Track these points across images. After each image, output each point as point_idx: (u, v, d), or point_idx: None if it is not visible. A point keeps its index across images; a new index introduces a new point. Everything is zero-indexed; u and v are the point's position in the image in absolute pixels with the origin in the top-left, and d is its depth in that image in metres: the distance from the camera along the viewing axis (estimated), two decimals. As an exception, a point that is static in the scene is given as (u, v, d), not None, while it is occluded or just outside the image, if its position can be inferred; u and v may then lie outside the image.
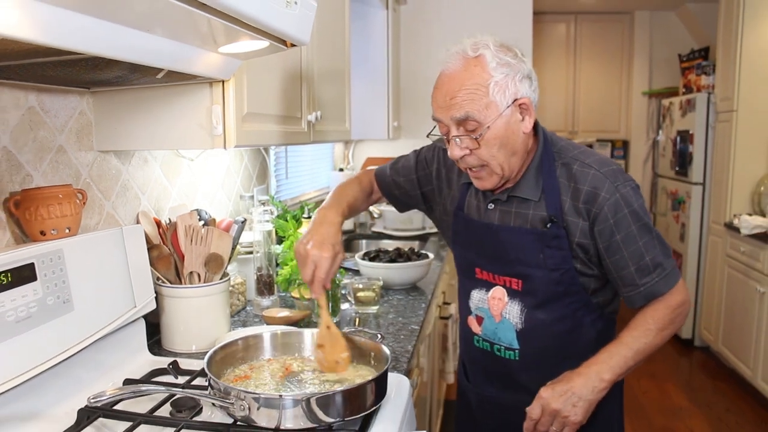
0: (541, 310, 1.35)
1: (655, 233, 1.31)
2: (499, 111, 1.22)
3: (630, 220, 1.27)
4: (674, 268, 1.32)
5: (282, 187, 2.83)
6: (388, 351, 1.23)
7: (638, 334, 1.29)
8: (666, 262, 1.30)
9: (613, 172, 1.29)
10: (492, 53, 1.22)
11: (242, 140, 1.39)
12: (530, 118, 1.28)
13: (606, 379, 1.25)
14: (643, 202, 1.31)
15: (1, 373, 1.02)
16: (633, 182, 1.31)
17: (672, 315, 1.30)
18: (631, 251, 1.28)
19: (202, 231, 1.53)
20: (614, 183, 1.27)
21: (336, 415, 1.06)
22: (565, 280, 1.32)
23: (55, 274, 1.15)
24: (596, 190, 1.27)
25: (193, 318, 1.53)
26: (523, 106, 1.26)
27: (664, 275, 1.30)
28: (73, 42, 0.83)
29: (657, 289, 1.30)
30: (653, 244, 1.29)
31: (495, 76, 1.21)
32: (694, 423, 3.43)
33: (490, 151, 1.25)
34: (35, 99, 1.25)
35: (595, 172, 1.29)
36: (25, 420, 1.11)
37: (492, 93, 1.22)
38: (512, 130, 1.26)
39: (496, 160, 1.27)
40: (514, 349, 1.39)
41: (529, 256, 1.33)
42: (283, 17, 1.06)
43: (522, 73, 1.24)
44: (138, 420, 1.10)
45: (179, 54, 1.08)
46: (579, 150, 1.35)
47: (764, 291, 3.49)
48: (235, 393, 1.05)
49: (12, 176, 1.20)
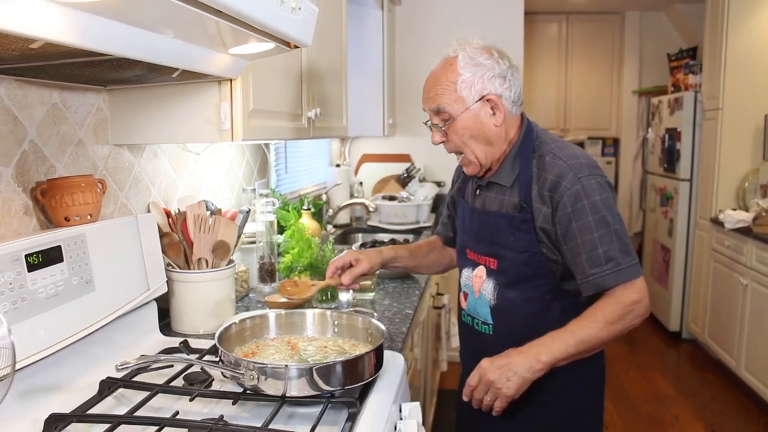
0: (512, 290, 1.46)
1: (614, 228, 1.35)
2: (466, 105, 1.40)
3: (588, 211, 1.34)
4: (632, 266, 1.34)
5: (281, 181, 2.93)
6: (383, 326, 1.33)
7: (584, 324, 1.33)
8: (621, 258, 1.34)
9: (579, 165, 1.37)
10: (466, 54, 1.39)
11: (248, 135, 1.49)
12: (500, 113, 1.41)
13: (543, 361, 1.30)
14: (609, 197, 1.37)
15: (33, 345, 1.12)
16: (600, 177, 1.38)
17: (622, 311, 1.33)
18: (585, 240, 1.35)
19: (210, 220, 1.64)
20: (577, 174, 1.36)
21: (337, 383, 1.16)
22: (533, 262, 1.42)
23: (79, 257, 1.26)
24: (559, 179, 1.37)
25: (201, 301, 1.64)
26: (491, 101, 1.40)
27: (616, 270, 1.33)
28: (105, 45, 0.93)
29: (605, 282, 1.34)
30: (609, 239, 1.34)
31: (463, 75, 1.39)
32: (679, 411, 3.55)
33: (461, 139, 1.43)
34: (58, 96, 1.36)
35: (562, 163, 1.38)
36: (50, 390, 1.21)
37: (459, 89, 1.39)
38: (482, 122, 1.41)
39: (469, 149, 1.44)
40: (489, 324, 1.51)
41: (502, 237, 1.45)
42: (288, 22, 1.16)
43: (493, 73, 1.39)
44: (155, 390, 1.20)
45: (194, 55, 1.18)
46: (557, 144, 1.44)
47: (747, 283, 3.61)
48: (245, 364, 1.16)
49: (38, 167, 1.30)
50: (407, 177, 3.91)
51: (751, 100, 4.04)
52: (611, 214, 1.36)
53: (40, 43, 0.86)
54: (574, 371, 1.42)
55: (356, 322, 1.41)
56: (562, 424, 1.51)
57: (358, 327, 1.40)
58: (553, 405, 1.49)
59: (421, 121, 1.52)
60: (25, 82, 1.26)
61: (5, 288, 1.07)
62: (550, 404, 1.48)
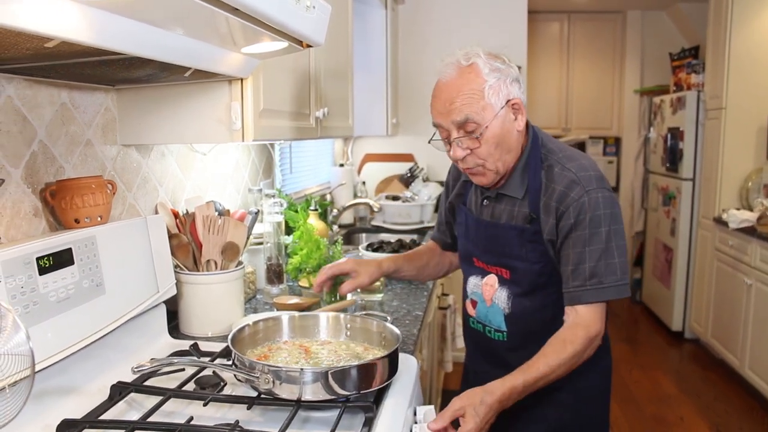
0: (526, 298, 1.45)
1: (609, 246, 1.33)
2: (494, 112, 1.34)
3: (587, 224, 1.33)
4: (616, 286, 1.32)
5: (286, 181, 2.91)
6: (398, 331, 1.32)
7: (547, 362, 1.30)
8: (606, 277, 1.32)
9: (588, 178, 1.35)
10: (483, 61, 1.34)
11: (259, 135, 1.48)
12: (522, 117, 1.39)
13: (506, 406, 1.27)
14: (614, 213, 1.35)
15: (44, 350, 1.10)
16: (608, 191, 1.36)
17: (580, 351, 1.31)
18: (576, 252, 1.34)
19: (219, 221, 1.62)
20: (586, 187, 1.34)
21: (352, 388, 1.15)
22: (546, 272, 1.41)
23: (90, 259, 1.24)
24: (568, 190, 1.35)
25: (210, 304, 1.62)
26: (516, 106, 1.37)
27: (597, 287, 1.32)
28: (120, 44, 0.91)
29: (582, 297, 1.33)
30: (598, 256, 1.32)
31: (489, 81, 1.33)
32: (684, 411, 3.54)
33: (488, 149, 1.36)
34: (67, 96, 1.34)
35: (572, 175, 1.36)
36: (61, 395, 1.20)
37: (487, 96, 1.33)
38: (507, 128, 1.37)
39: (493, 158, 1.38)
40: (503, 331, 1.49)
41: (513, 249, 1.44)
42: (303, 20, 1.14)
43: (511, 77, 1.36)
44: (168, 394, 1.19)
45: (207, 54, 1.16)
46: (565, 154, 1.42)
47: (751, 283, 3.60)
48: (260, 368, 1.14)
49: (47, 168, 1.28)
50: (410, 177, 3.89)
51: (755, 100, 4.03)
52: (611, 230, 1.34)
53: (55, 42, 0.84)
54: (580, 381, 1.42)
55: (370, 325, 1.39)
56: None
57: (372, 330, 1.38)
58: (560, 413, 1.48)
59: (424, 121, 1.46)
60: (35, 81, 1.24)
61: (17, 291, 1.05)
62: (558, 413, 1.48)
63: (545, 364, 1.29)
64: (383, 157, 4.18)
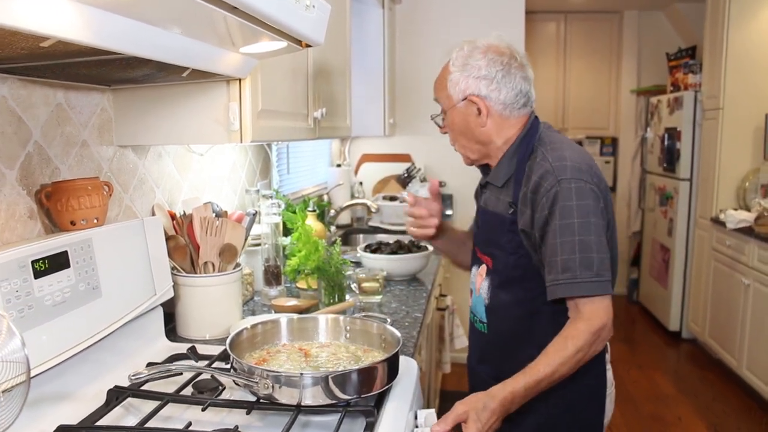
0: (504, 290, 1.45)
1: (579, 238, 1.28)
2: (453, 102, 1.45)
3: (557, 215, 1.30)
4: (593, 282, 1.27)
5: (283, 182, 2.89)
6: (398, 334, 1.30)
7: (547, 361, 1.27)
8: (581, 272, 1.27)
9: (562, 167, 1.31)
10: (462, 53, 1.43)
11: (257, 135, 1.46)
12: (486, 114, 1.42)
13: (511, 408, 1.26)
14: (588, 204, 1.30)
15: (40, 355, 1.08)
16: (584, 182, 1.30)
17: (578, 346, 1.26)
18: (550, 245, 1.31)
19: (217, 222, 1.60)
20: (558, 177, 1.30)
21: (352, 392, 1.13)
22: (521, 265, 1.40)
23: (86, 262, 1.22)
24: (542, 180, 1.33)
25: (207, 306, 1.60)
26: (475, 103, 1.42)
27: (571, 282, 1.28)
28: (117, 43, 0.89)
29: (556, 291, 1.30)
30: (571, 248, 1.28)
31: (452, 73, 1.43)
32: (681, 411, 3.54)
33: (453, 134, 1.50)
34: (62, 96, 1.32)
35: (547, 165, 1.33)
36: (57, 400, 1.18)
37: (449, 87, 1.44)
38: (468, 121, 1.45)
39: (459, 143, 1.51)
40: (484, 322, 1.51)
41: (497, 237, 1.45)
42: (302, 20, 1.13)
43: (479, 74, 1.40)
44: (166, 399, 1.17)
45: (205, 54, 1.15)
46: (553, 145, 1.38)
47: (749, 283, 3.60)
48: (259, 372, 1.12)
49: (42, 169, 1.26)
50: (408, 177, 3.87)
51: (752, 100, 4.03)
52: (586, 223, 1.29)
53: (51, 41, 0.82)
54: (573, 381, 1.35)
55: (370, 327, 1.38)
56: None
57: (372, 333, 1.37)
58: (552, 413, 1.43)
59: (421, 121, 1.58)
60: (29, 81, 1.22)
61: (12, 295, 1.03)
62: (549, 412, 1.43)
63: (546, 364, 1.26)
64: (380, 158, 4.16)
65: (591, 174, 1.33)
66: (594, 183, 1.32)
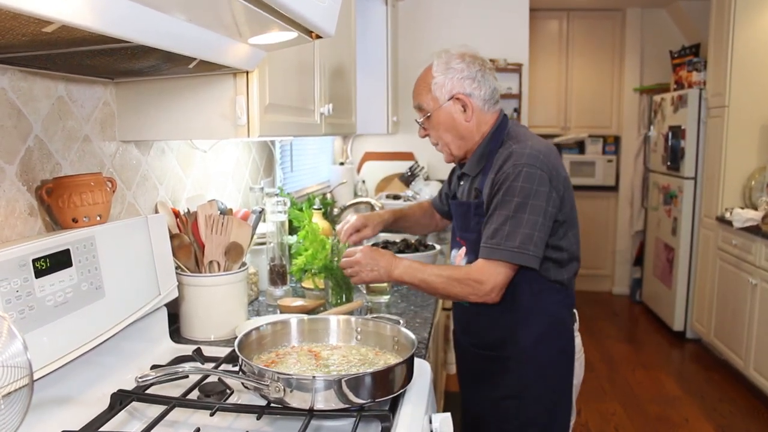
0: None
1: (517, 216, 1.45)
2: (439, 104, 1.61)
3: (503, 191, 1.48)
4: (510, 250, 1.45)
5: (287, 180, 2.85)
6: (413, 336, 1.26)
7: (437, 272, 1.53)
8: (504, 242, 1.46)
9: (521, 154, 1.49)
10: (442, 60, 1.60)
11: (265, 131, 1.41)
12: (470, 110, 1.60)
13: (394, 276, 1.56)
14: (532, 188, 1.46)
15: (41, 358, 1.03)
16: (537, 169, 1.47)
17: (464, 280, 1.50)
18: (489, 215, 1.51)
19: (222, 220, 1.55)
20: (515, 161, 1.48)
21: (366, 396, 1.08)
22: None
23: (89, 261, 1.17)
24: (503, 164, 1.51)
25: (212, 306, 1.55)
26: (461, 100, 1.59)
27: (493, 247, 1.47)
28: (124, 30, 0.85)
29: (482, 252, 1.50)
30: (504, 220, 1.47)
31: (436, 78, 1.60)
32: (688, 412, 3.50)
33: (437, 132, 1.65)
34: (64, 89, 1.27)
35: (509, 152, 1.52)
36: (60, 404, 1.13)
37: (433, 90, 1.61)
38: (454, 118, 1.61)
39: (443, 141, 1.65)
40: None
41: (468, 222, 1.63)
42: (315, 9, 1.08)
43: (462, 75, 1.58)
44: (172, 403, 1.12)
45: (213, 44, 1.10)
46: (518, 137, 1.56)
47: (756, 283, 3.56)
48: (270, 375, 1.08)
49: (43, 165, 1.22)
50: (411, 175, 3.83)
51: (758, 98, 4.00)
52: (525, 203, 1.46)
53: (54, 26, 0.77)
54: (546, 348, 1.60)
55: (383, 329, 1.33)
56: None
57: (385, 335, 1.32)
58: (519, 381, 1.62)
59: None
60: (30, 73, 1.17)
61: (12, 296, 0.98)
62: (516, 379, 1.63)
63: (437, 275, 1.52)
64: (383, 156, 4.12)
65: (546, 162, 1.49)
66: (546, 171, 1.48)
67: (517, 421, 1.62)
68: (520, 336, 1.60)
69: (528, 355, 1.60)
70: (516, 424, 1.62)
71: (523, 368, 1.61)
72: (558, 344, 1.63)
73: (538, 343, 1.60)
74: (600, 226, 5.97)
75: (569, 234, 1.58)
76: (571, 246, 1.59)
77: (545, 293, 1.58)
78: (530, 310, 1.58)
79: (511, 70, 4.27)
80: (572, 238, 1.59)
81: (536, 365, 1.61)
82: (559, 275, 1.58)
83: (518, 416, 1.62)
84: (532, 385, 1.61)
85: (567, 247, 1.58)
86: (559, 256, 1.57)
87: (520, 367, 1.61)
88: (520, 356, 1.60)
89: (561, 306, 1.62)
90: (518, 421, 1.62)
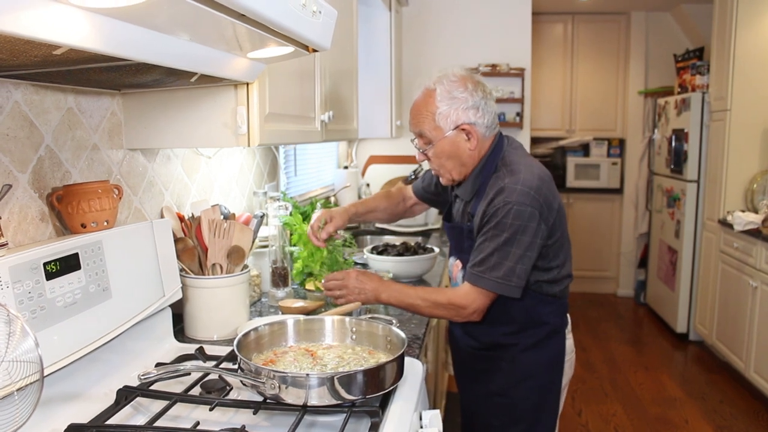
0: None
1: (505, 249, 1.50)
2: (443, 133, 1.60)
3: (493, 225, 1.52)
4: (492, 280, 1.51)
5: (291, 184, 2.91)
6: (403, 334, 1.32)
7: (422, 296, 1.61)
8: (489, 272, 1.52)
9: (512, 190, 1.51)
10: (444, 88, 1.58)
11: (265, 139, 1.48)
12: (474, 138, 1.60)
13: (380, 299, 1.65)
14: (521, 225, 1.50)
15: (51, 355, 1.10)
16: (526, 206, 1.50)
17: (446, 305, 1.58)
18: (478, 242, 1.56)
19: (225, 225, 1.62)
20: (506, 198, 1.51)
21: (358, 392, 1.14)
22: None
23: (96, 264, 1.24)
24: (494, 197, 1.54)
25: (215, 307, 1.62)
26: (466, 130, 1.59)
27: (477, 274, 1.53)
28: (128, 50, 0.91)
29: (467, 278, 1.56)
30: (492, 252, 1.52)
31: (440, 108, 1.58)
32: (688, 413, 3.53)
33: (439, 161, 1.64)
34: (73, 100, 1.34)
35: (502, 185, 1.54)
36: (67, 399, 1.20)
37: (437, 120, 1.59)
38: (458, 147, 1.61)
39: (445, 168, 1.65)
40: None
41: (461, 244, 1.70)
42: (309, 25, 1.14)
43: (467, 105, 1.57)
44: (174, 399, 1.19)
45: (213, 59, 1.16)
46: (514, 167, 1.57)
47: (756, 285, 3.59)
48: (266, 373, 1.14)
49: (54, 173, 1.29)
50: (415, 178, 3.88)
51: (760, 102, 4.02)
52: (513, 239, 1.50)
53: (63, 49, 0.84)
54: (538, 350, 1.67)
55: (375, 329, 1.39)
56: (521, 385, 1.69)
57: (377, 334, 1.38)
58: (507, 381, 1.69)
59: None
60: (42, 87, 1.25)
61: (24, 297, 1.05)
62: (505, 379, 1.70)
63: (422, 298, 1.60)
64: (387, 159, 4.18)
65: (537, 198, 1.52)
66: (537, 206, 1.51)
67: (504, 417, 1.71)
68: (513, 343, 1.67)
69: (519, 359, 1.68)
70: (504, 420, 1.71)
71: (513, 369, 1.69)
72: (550, 352, 1.70)
73: (530, 350, 1.67)
74: (605, 228, 6.00)
75: (560, 255, 1.63)
76: (563, 265, 1.65)
77: (539, 306, 1.65)
78: (524, 321, 1.66)
79: (514, 75, 4.32)
80: (563, 258, 1.65)
81: (526, 368, 1.68)
82: (551, 290, 1.65)
83: (505, 413, 1.70)
84: (520, 386, 1.69)
85: (558, 266, 1.63)
86: (551, 276, 1.63)
87: (511, 368, 1.69)
88: (512, 359, 1.68)
89: (554, 315, 1.68)
90: (505, 417, 1.70)
